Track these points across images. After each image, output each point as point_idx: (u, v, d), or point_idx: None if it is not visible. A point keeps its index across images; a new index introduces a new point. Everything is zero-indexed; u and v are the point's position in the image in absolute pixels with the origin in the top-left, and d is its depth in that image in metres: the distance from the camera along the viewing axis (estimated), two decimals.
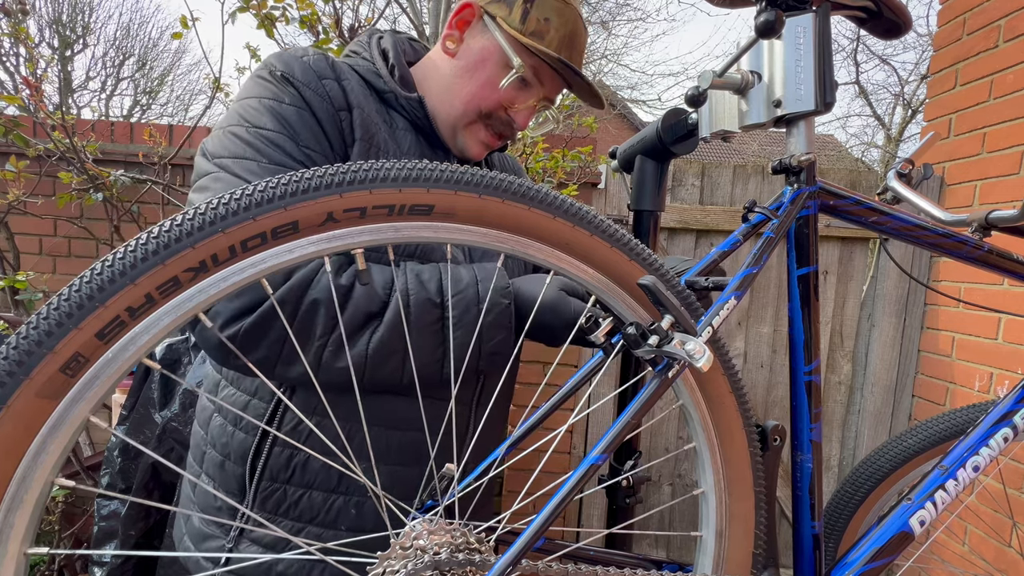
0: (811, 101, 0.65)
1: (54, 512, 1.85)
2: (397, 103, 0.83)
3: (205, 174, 0.70)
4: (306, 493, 0.76)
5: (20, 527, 0.40)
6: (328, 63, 0.78)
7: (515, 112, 0.86)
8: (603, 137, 2.68)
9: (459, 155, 0.89)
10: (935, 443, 1.03)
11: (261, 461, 0.75)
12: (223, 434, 0.79)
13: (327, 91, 0.75)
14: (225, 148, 0.70)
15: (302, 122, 0.73)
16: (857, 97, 11.91)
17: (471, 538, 0.52)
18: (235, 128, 0.72)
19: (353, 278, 0.66)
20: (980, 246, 0.80)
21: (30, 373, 0.38)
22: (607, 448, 0.51)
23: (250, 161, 0.69)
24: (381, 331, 0.66)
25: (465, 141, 0.87)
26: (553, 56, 0.79)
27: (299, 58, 0.76)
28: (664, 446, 2.28)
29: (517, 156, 2.06)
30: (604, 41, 11.21)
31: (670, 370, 0.54)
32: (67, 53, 9.51)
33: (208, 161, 0.71)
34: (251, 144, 0.70)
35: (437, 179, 0.46)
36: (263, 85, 0.75)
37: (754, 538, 0.63)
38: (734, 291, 0.61)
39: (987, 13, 1.86)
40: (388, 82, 0.83)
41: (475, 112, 0.84)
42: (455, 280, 0.70)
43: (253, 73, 0.78)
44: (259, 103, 0.73)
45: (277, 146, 0.70)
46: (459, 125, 0.86)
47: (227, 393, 0.80)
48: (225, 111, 0.87)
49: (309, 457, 0.75)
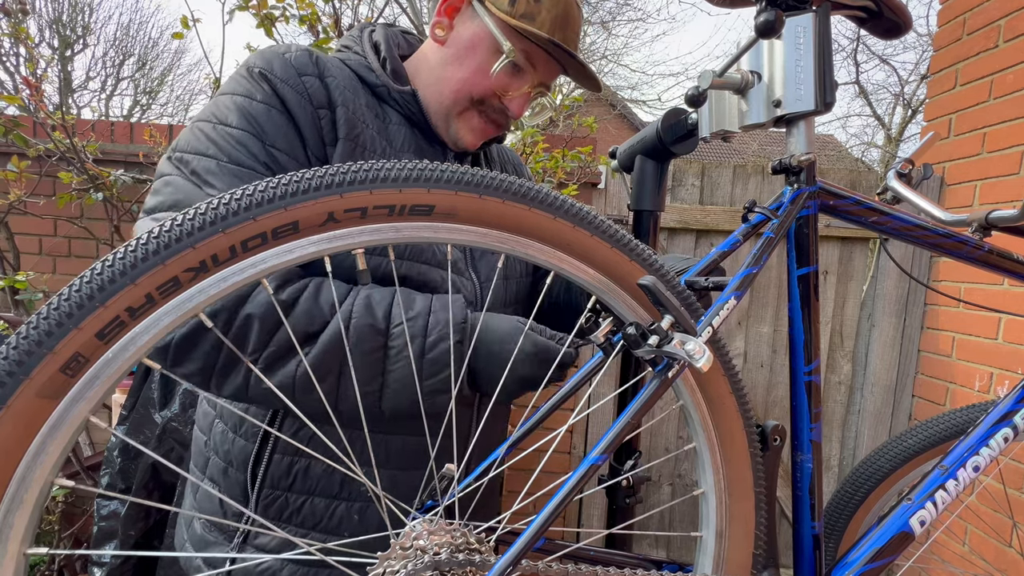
0: (811, 101, 0.65)
1: (54, 512, 1.85)
2: (390, 97, 0.81)
3: (161, 175, 0.68)
4: (308, 500, 0.75)
5: (20, 527, 0.40)
6: (311, 59, 0.75)
7: (509, 100, 0.82)
8: (603, 137, 2.68)
9: (454, 146, 0.87)
10: (935, 443, 1.03)
11: (262, 468, 0.74)
12: (225, 440, 0.78)
13: (306, 88, 0.72)
14: (188, 143, 0.69)
15: (271, 120, 0.70)
16: (857, 97, 11.92)
17: (471, 538, 0.52)
18: (202, 124, 0.70)
19: (297, 293, 0.63)
20: (980, 246, 0.80)
21: (30, 373, 0.38)
22: (607, 448, 0.51)
23: (209, 159, 0.66)
24: (313, 353, 0.61)
25: (458, 130, 0.84)
26: (544, 38, 0.76)
27: (280, 54, 0.74)
28: (664, 446, 2.28)
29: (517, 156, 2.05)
30: (604, 41, 11.21)
31: (670, 370, 0.54)
32: (67, 53, 9.51)
33: (168, 159, 0.69)
34: (214, 141, 0.68)
35: (438, 179, 0.46)
36: (239, 82, 0.73)
37: (754, 538, 0.63)
38: (734, 291, 0.61)
39: (987, 13, 1.86)
40: (380, 76, 0.81)
41: (466, 99, 0.81)
42: (405, 306, 0.65)
43: (236, 69, 0.76)
44: (231, 100, 0.71)
45: (240, 145, 0.68)
46: (451, 114, 0.83)
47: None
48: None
49: (310, 464, 0.74)
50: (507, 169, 1.01)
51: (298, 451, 0.74)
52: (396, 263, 0.72)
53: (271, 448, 0.75)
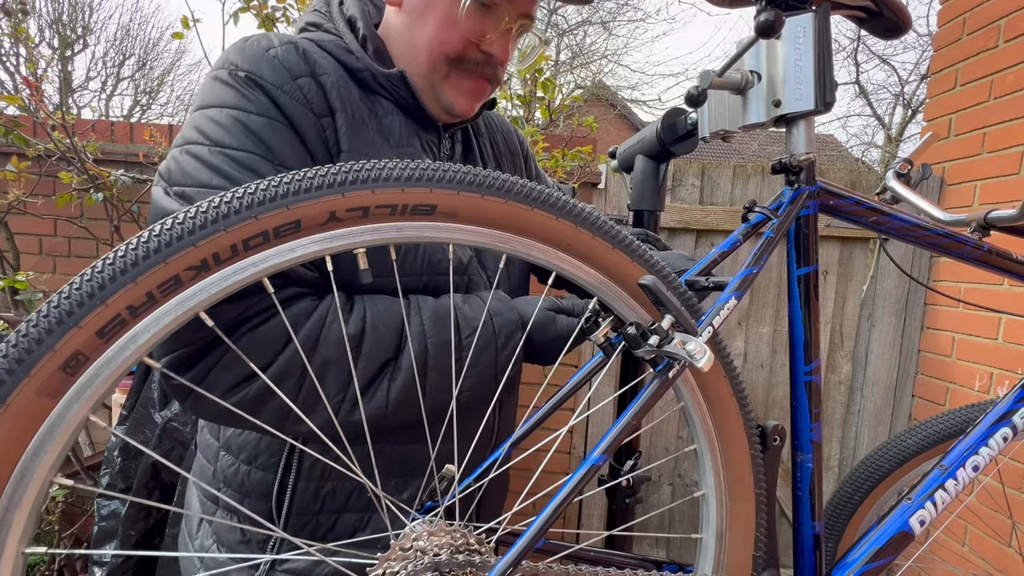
0: (811, 101, 0.65)
1: (54, 512, 1.85)
2: (376, 83, 0.71)
3: (164, 213, 0.58)
4: (339, 517, 0.71)
5: (18, 526, 0.40)
6: (299, 54, 0.66)
7: (489, 44, 0.72)
8: (603, 137, 2.68)
9: (448, 116, 0.77)
10: (933, 443, 1.03)
11: (287, 497, 0.70)
12: (237, 473, 0.72)
13: (304, 94, 0.64)
14: (186, 175, 0.59)
15: (275, 135, 0.61)
16: (857, 97, 11.93)
17: (471, 539, 0.52)
18: (195, 148, 0.60)
19: (361, 323, 0.60)
20: (980, 246, 0.80)
21: (30, 371, 0.38)
22: (607, 449, 0.51)
23: (217, 191, 0.57)
24: (401, 379, 0.60)
25: (450, 98, 0.74)
26: None
27: (265, 52, 0.64)
28: (664, 446, 2.28)
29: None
30: (604, 41, 11.22)
31: (670, 370, 0.54)
32: (67, 53, 9.51)
33: (167, 194, 0.59)
34: (217, 169, 0.59)
35: (440, 179, 0.46)
36: (224, 89, 0.63)
37: (754, 540, 0.63)
38: (734, 291, 0.61)
39: (987, 13, 1.86)
40: (362, 59, 0.71)
41: (443, 60, 0.72)
42: (469, 318, 0.64)
43: (210, 72, 0.65)
44: (221, 114, 0.61)
45: (248, 169, 0.59)
46: (435, 82, 0.73)
47: (233, 432, 0.73)
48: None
49: (337, 484, 0.71)
50: (496, 139, 0.92)
51: (323, 475, 0.70)
52: (415, 279, 0.69)
53: (295, 476, 0.70)
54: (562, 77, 9.73)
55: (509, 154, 0.93)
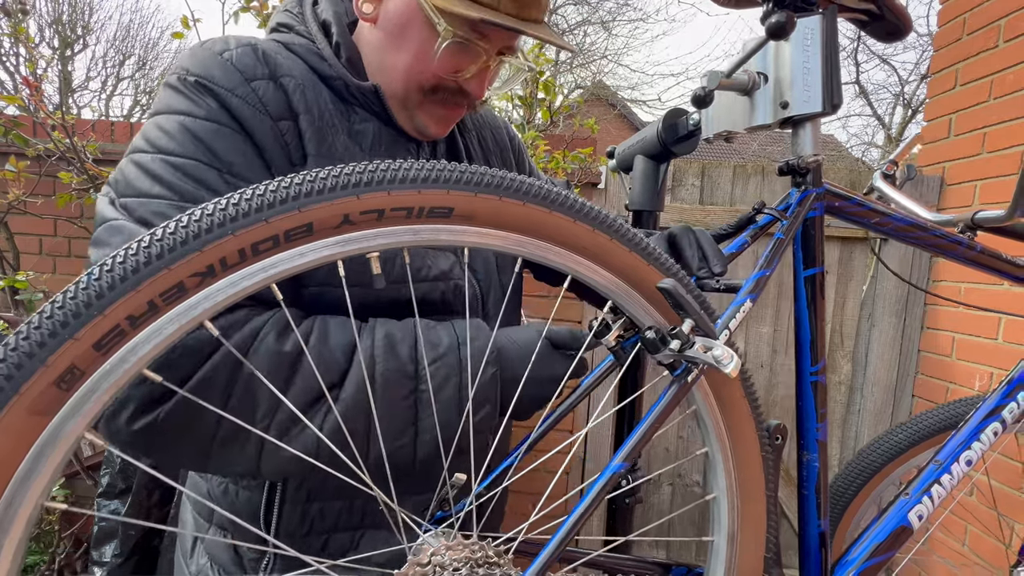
0: (819, 103, 0.65)
1: (54, 512, 1.85)
2: (348, 92, 0.68)
3: (103, 221, 0.55)
4: (329, 538, 0.68)
5: (7, 554, 0.36)
6: (257, 55, 0.62)
7: (464, 81, 0.69)
8: (603, 137, 2.68)
9: (421, 136, 0.75)
10: (922, 439, 1.07)
11: (274, 518, 0.67)
12: (227, 492, 0.70)
13: (259, 97, 0.60)
14: (129, 185, 0.56)
15: (223, 141, 0.58)
16: (857, 97, 11.94)
17: (490, 551, 0.50)
18: (140, 156, 0.58)
19: (303, 342, 0.54)
20: (973, 246, 0.81)
21: (19, 388, 0.35)
22: (628, 455, 0.51)
23: (159, 201, 0.55)
24: (338, 409, 0.53)
25: (424, 122, 0.72)
26: (475, 19, 0.61)
27: (218, 55, 0.61)
28: (664, 446, 2.28)
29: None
30: (604, 41, 11.22)
31: (689, 375, 0.53)
32: (67, 53, 9.48)
33: (112, 204, 0.56)
34: (157, 177, 0.56)
35: (457, 180, 0.45)
36: (173, 95, 0.60)
37: (766, 541, 0.63)
38: (749, 293, 0.61)
39: (987, 13, 1.87)
40: (335, 67, 0.68)
41: (417, 91, 0.69)
42: (431, 344, 0.58)
43: (165, 79, 0.62)
44: (168, 120, 0.59)
45: (192, 178, 0.56)
46: (409, 107, 0.71)
47: None
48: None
49: (324, 505, 0.68)
50: (484, 134, 0.88)
51: (308, 497, 0.67)
52: (403, 287, 0.65)
53: (279, 499, 0.66)
54: (562, 77, 9.73)
55: (499, 150, 0.90)
